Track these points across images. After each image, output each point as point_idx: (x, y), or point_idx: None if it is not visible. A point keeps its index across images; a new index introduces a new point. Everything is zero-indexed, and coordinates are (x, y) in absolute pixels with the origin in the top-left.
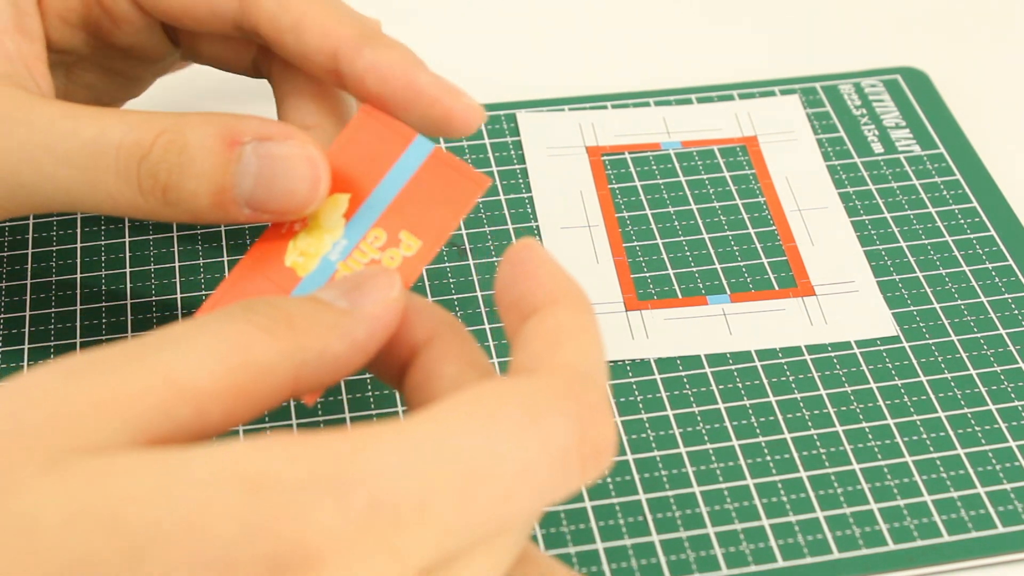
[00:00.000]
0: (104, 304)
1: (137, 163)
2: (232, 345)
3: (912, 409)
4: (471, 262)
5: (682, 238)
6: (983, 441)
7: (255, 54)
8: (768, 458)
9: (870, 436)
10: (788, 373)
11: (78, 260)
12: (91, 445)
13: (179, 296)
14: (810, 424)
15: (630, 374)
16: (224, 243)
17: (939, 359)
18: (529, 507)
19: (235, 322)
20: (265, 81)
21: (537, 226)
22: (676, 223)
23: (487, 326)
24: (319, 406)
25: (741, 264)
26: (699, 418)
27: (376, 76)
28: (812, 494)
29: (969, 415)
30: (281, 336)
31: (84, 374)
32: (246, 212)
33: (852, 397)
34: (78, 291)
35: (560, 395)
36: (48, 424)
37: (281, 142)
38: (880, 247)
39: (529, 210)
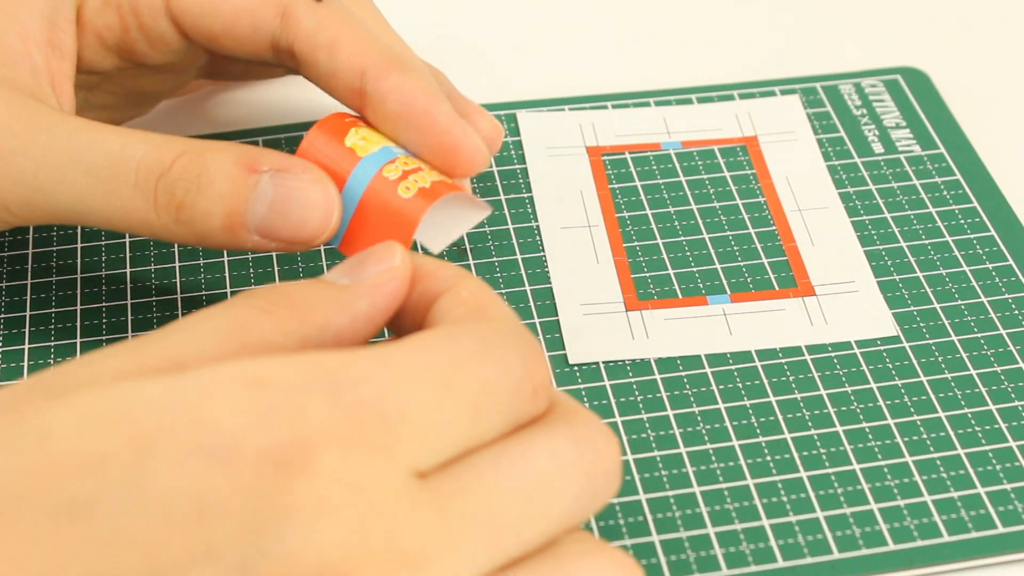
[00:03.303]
0: (104, 304)
1: (156, 178)
2: (232, 327)
3: (912, 409)
4: (471, 262)
5: (682, 238)
6: (983, 441)
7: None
8: (768, 458)
9: (870, 436)
10: (788, 373)
11: (78, 260)
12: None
13: (179, 296)
14: (810, 424)
15: (630, 374)
16: None
17: (939, 359)
18: (495, 426)
19: (235, 307)
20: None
21: (537, 226)
22: (676, 223)
23: None
24: None
25: (741, 264)
26: (699, 418)
27: (397, 99)
28: (812, 494)
29: (969, 415)
30: (280, 315)
31: (95, 358)
32: (254, 239)
33: (852, 397)
34: (78, 291)
35: (509, 334)
36: (56, 382)
37: (298, 174)
38: (880, 247)
39: (529, 210)
